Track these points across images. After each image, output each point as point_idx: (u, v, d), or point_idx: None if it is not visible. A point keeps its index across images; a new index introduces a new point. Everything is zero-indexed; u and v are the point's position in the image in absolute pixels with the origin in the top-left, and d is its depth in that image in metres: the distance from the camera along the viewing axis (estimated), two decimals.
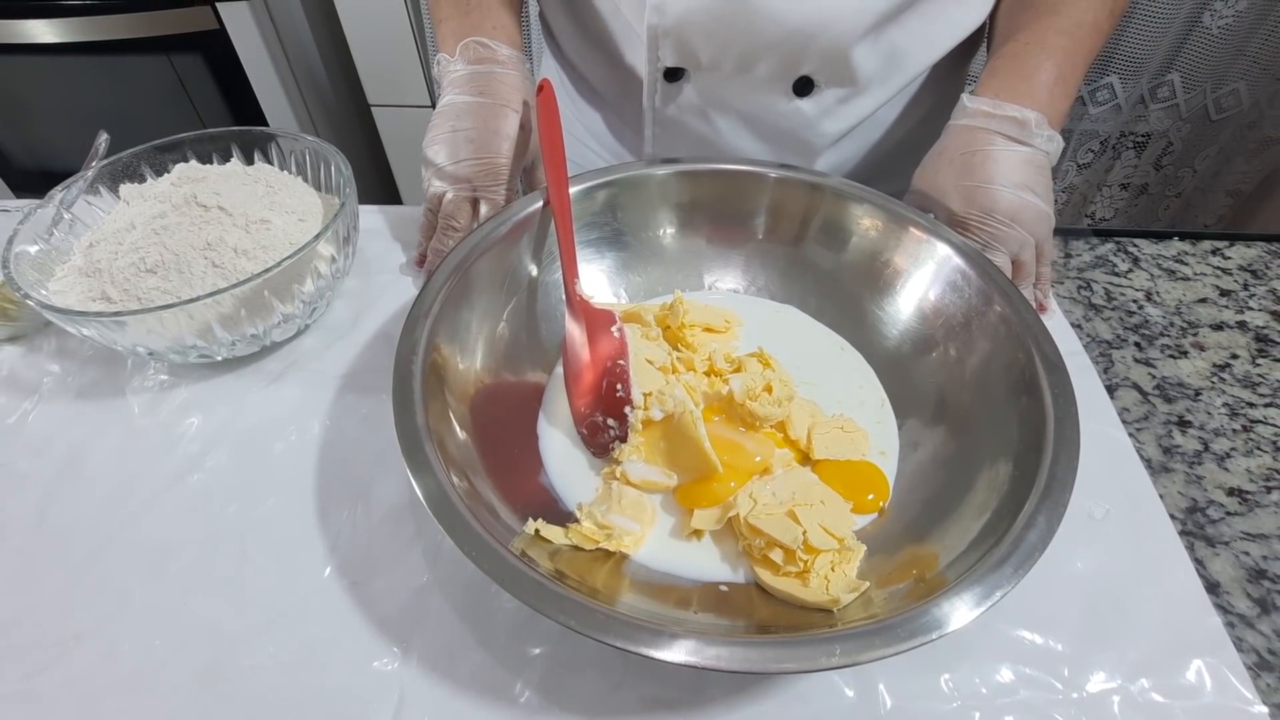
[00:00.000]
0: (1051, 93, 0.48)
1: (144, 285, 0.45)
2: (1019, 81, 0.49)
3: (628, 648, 0.29)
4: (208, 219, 0.47)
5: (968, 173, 0.48)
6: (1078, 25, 0.50)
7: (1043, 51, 0.49)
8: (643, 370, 0.43)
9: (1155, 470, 0.44)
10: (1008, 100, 0.48)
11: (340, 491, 0.43)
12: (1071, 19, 0.50)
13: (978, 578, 0.30)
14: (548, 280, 0.48)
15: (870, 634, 0.29)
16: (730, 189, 0.51)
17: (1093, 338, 0.53)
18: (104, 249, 0.47)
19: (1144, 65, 1.18)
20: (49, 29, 1.18)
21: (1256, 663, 0.36)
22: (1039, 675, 0.35)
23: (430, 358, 0.39)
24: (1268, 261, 0.59)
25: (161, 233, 0.46)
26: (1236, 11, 1.11)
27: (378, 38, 1.26)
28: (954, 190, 0.48)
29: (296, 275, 0.46)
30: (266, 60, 1.22)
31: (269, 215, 0.49)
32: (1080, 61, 0.50)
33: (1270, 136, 1.23)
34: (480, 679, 0.35)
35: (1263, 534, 0.41)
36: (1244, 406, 0.48)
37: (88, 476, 0.44)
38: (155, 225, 0.47)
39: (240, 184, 0.50)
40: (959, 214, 0.48)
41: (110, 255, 0.46)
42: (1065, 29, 0.50)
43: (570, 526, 0.38)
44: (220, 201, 0.48)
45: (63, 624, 0.37)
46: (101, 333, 0.43)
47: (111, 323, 0.42)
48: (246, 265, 0.46)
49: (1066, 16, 0.50)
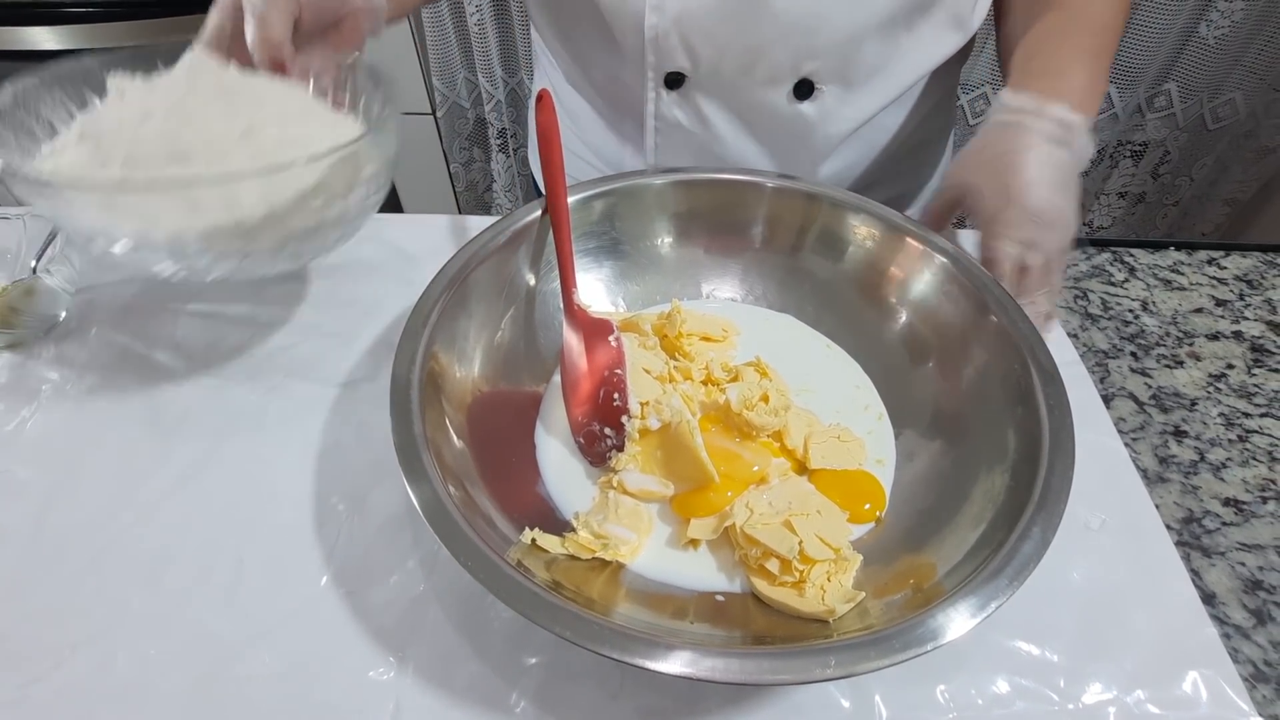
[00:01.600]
0: (1085, 94, 0.47)
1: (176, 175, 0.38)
2: (1056, 80, 0.48)
3: (623, 659, 0.29)
4: (239, 109, 0.40)
5: (1012, 172, 0.46)
6: (1103, 28, 0.50)
7: (1074, 52, 0.49)
8: (640, 379, 0.43)
9: (1151, 480, 0.45)
10: (1051, 100, 0.47)
11: (337, 500, 0.43)
12: (1095, 21, 0.50)
13: (973, 588, 0.31)
14: (546, 289, 0.48)
15: (865, 645, 0.29)
16: (727, 199, 0.51)
17: (1089, 347, 0.53)
18: (112, 141, 0.39)
19: (1141, 75, 1.18)
20: (51, 36, 1.18)
21: (1252, 674, 0.36)
22: (1035, 686, 0.35)
23: (428, 366, 0.39)
24: (1263, 271, 0.59)
25: (189, 122, 0.39)
26: (1233, 22, 1.11)
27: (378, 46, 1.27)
28: (995, 188, 0.46)
29: (345, 177, 0.40)
30: None
31: (307, 114, 0.43)
32: (1106, 64, 0.50)
33: (1267, 145, 1.24)
34: (476, 689, 0.35)
35: (1259, 544, 0.42)
36: (1240, 416, 0.48)
37: (85, 485, 0.44)
38: (178, 113, 0.40)
39: (267, 82, 0.43)
40: (998, 214, 0.46)
41: (125, 147, 0.38)
42: (1091, 29, 0.50)
43: (567, 536, 0.38)
44: (254, 90, 0.41)
45: (59, 633, 0.37)
46: (114, 224, 0.35)
47: (135, 210, 0.35)
48: (293, 155, 0.38)
49: (1089, 18, 0.50)
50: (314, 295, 0.56)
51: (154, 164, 0.38)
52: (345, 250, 0.60)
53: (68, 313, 0.54)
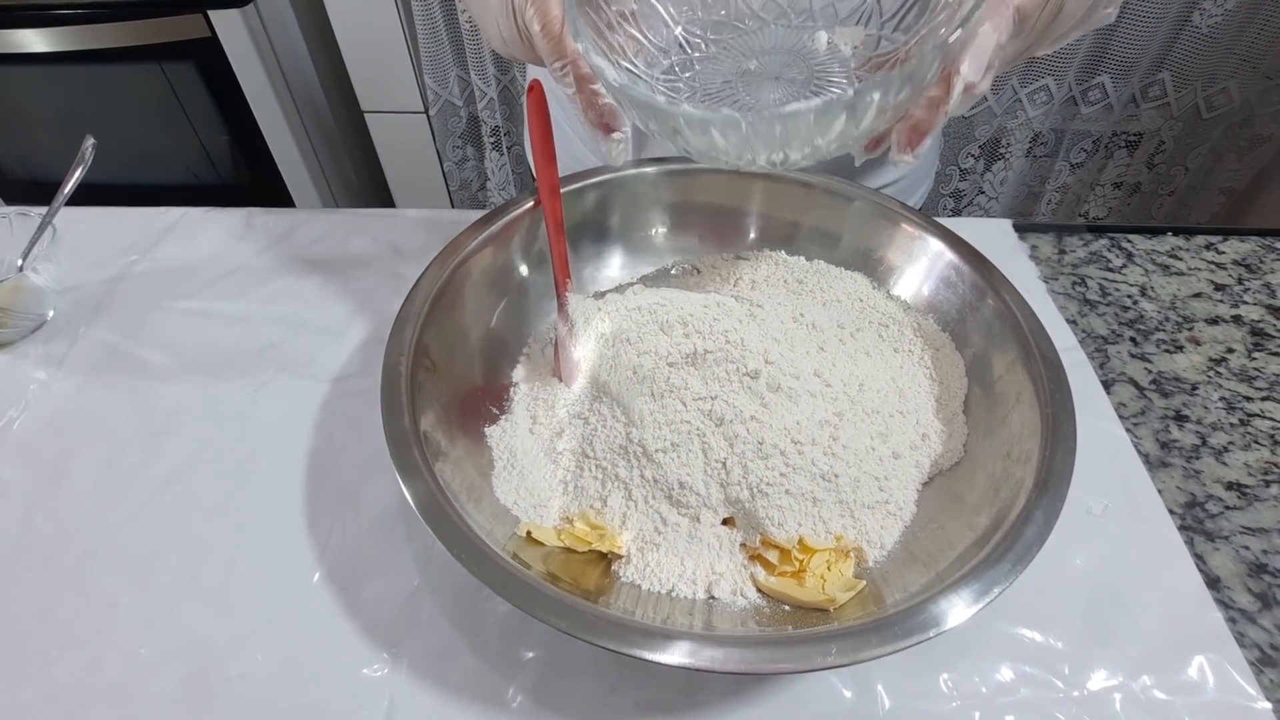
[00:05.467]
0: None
1: None
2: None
3: (620, 650, 0.28)
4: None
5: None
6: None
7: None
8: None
9: (1153, 465, 0.44)
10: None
11: (330, 496, 0.42)
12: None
13: (975, 574, 0.30)
14: (538, 281, 0.48)
15: (867, 632, 0.29)
16: (721, 188, 0.51)
17: (1088, 333, 0.53)
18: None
19: (1135, 65, 1.18)
20: (40, 38, 1.18)
21: (1259, 658, 0.36)
22: (1039, 674, 0.35)
23: (419, 360, 0.39)
24: (1261, 256, 0.58)
25: None
26: (1225, 10, 1.11)
27: (370, 45, 1.26)
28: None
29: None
30: (259, 68, 1.21)
31: None
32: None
33: (1261, 134, 1.23)
34: (472, 685, 0.35)
35: (1263, 528, 0.41)
36: (1241, 400, 0.48)
37: (73, 485, 0.43)
38: None
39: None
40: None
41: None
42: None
43: (562, 529, 0.37)
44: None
45: (47, 634, 0.37)
46: None
47: None
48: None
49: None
50: (305, 291, 0.55)
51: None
52: (336, 246, 0.59)
53: (55, 311, 0.54)
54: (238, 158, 1.36)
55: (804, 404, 0.38)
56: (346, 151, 1.49)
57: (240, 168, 1.37)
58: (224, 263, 0.58)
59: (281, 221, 0.62)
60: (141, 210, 0.63)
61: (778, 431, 0.36)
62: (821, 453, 0.36)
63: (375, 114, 1.37)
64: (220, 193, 1.41)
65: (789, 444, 0.36)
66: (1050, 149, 1.32)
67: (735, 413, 0.36)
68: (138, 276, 0.57)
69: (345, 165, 1.49)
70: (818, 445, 0.37)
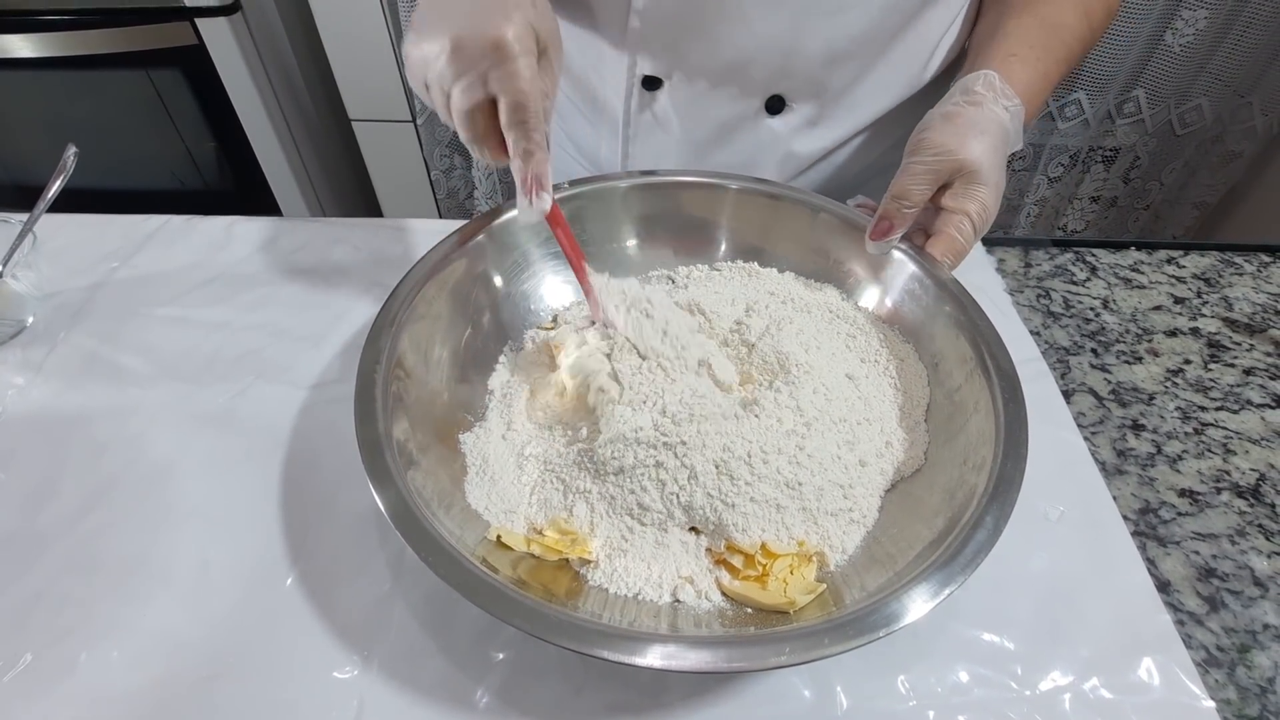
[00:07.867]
0: (1029, 89, 0.48)
1: None
2: (1008, 67, 0.48)
3: (584, 650, 0.29)
4: None
5: (984, 148, 0.45)
6: (1057, 26, 0.51)
7: (1028, 46, 0.49)
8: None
9: (1109, 473, 0.45)
10: (1004, 88, 0.47)
11: (305, 502, 0.43)
12: (1050, 19, 0.51)
13: (927, 575, 0.31)
14: (514, 291, 0.49)
15: (821, 632, 0.30)
16: (691, 201, 0.52)
17: (1050, 344, 0.54)
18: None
19: (1109, 82, 1.21)
20: (26, 44, 1.18)
21: (1205, 659, 0.37)
22: (993, 675, 0.36)
23: (394, 368, 0.39)
24: (1220, 270, 0.60)
25: None
26: (1197, 30, 1.14)
27: (358, 53, 1.27)
28: (974, 157, 0.45)
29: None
30: (246, 76, 1.22)
31: None
32: (1060, 68, 0.51)
33: (1233, 150, 1.26)
34: (441, 686, 0.35)
35: (1212, 534, 0.42)
36: (1196, 410, 0.49)
37: (50, 489, 0.44)
38: None
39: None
40: (972, 179, 0.45)
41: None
42: (1054, 30, 0.51)
43: (532, 537, 0.38)
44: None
45: (20, 636, 0.37)
46: None
47: None
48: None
49: (1054, 23, 0.51)
50: (285, 299, 0.56)
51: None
52: (318, 254, 0.60)
53: (35, 317, 0.54)
54: (224, 165, 1.36)
55: (771, 416, 0.39)
56: (334, 159, 1.49)
57: (227, 175, 1.38)
58: (205, 270, 0.59)
59: (263, 230, 0.62)
60: (123, 218, 0.64)
61: (745, 443, 0.37)
62: (787, 461, 0.38)
63: (362, 122, 1.38)
64: (207, 199, 1.41)
65: (756, 453, 0.37)
66: (1029, 163, 1.34)
67: (696, 432, 0.37)
68: (118, 283, 0.58)
69: (332, 173, 1.49)
70: (784, 454, 0.38)
